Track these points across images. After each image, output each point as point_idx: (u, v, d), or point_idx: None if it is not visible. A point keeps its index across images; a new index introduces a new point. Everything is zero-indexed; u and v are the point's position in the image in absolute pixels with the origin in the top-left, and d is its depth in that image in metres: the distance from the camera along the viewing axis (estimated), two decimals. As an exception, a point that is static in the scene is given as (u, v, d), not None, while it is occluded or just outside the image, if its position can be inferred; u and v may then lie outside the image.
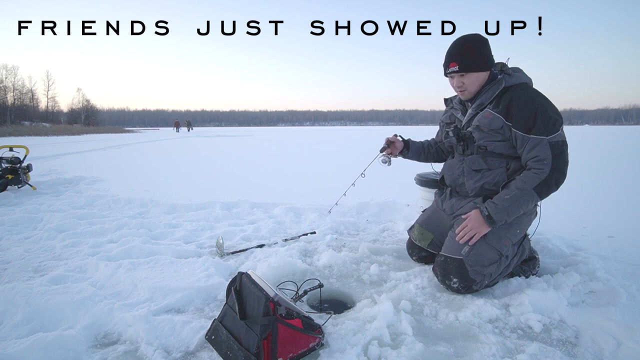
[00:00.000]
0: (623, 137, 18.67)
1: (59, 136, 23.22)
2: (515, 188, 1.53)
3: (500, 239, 1.60)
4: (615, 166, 6.46)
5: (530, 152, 1.53)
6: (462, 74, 1.63)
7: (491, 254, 1.58)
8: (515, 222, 1.62)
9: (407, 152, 2.07)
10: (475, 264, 1.55)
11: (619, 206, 3.31)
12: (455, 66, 1.63)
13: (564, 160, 1.51)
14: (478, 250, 1.57)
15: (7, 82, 47.42)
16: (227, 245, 2.31)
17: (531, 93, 1.57)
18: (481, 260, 1.56)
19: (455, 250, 1.60)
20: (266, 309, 1.15)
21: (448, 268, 1.59)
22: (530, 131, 1.52)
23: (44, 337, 1.24)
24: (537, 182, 1.50)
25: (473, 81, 1.64)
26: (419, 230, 1.95)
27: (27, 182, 4.15)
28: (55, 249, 2.27)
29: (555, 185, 1.51)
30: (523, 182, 1.52)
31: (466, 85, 1.65)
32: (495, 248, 1.58)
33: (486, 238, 1.59)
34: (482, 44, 1.64)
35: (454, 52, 1.65)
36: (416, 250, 1.97)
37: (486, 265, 1.57)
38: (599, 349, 1.25)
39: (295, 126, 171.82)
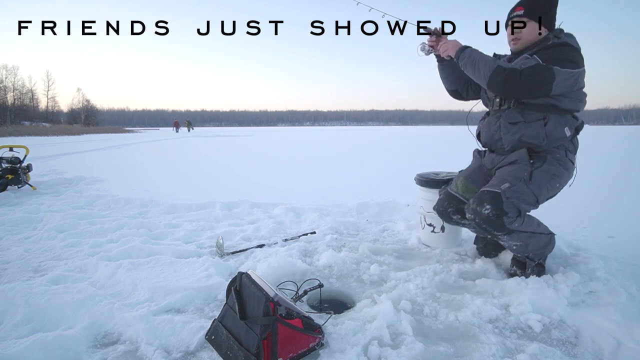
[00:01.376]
0: (623, 137, 18.67)
1: (59, 136, 23.22)
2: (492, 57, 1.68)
3: (541, 187, 1.62)
4: (615, 166, 6.46)
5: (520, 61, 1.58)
6: (525, 20, 1.64)
7: (529, 196, 1.61)
8: (556, 176, 1.65)
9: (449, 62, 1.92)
10: (512, 198, 1.58)
11: (619, 206, 3.31)
12: (521, 10, 1.65)
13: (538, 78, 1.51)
14: (517, 189, 1.59)
15: (7, 82, 47.43)
16: (227, 245, 2.31)
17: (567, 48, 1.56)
18: (518, 196, 1.59)
19: (494, 186, 1.62)
20: (266, 309, 1.15)
21: (484, 197, 1.61)
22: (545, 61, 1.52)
23: (44, 337, 1.24)
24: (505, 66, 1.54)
25: (531, 31, 1.65)
26: (463, 183, 1.91)
27: (27, 182, 4.15)
28: (55, 249, 2.27)
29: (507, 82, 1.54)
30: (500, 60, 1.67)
31: (523, 34, 1.66)
32: (534, 193, 1.61)
33: (530, 182, 1.61)
34: (554, 3, 1.66)
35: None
36: (454, 202, 1.88)
37: (522, 202, 1.60)
38: (599, 349, 1.25)
39: (295, 126, 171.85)
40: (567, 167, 1.68)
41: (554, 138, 1.64)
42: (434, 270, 1.85)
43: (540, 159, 1.65)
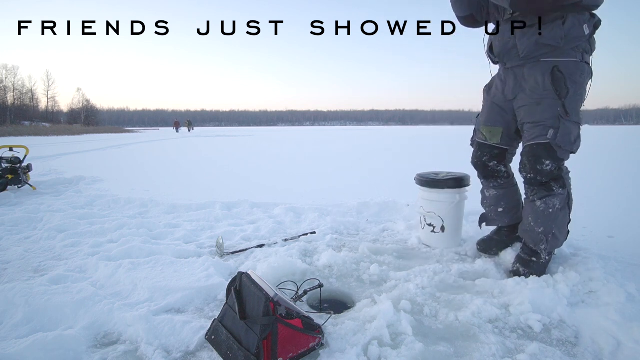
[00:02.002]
0: (623, 137, 18.68)
1: (59, 136, 23.23)
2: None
3: (578, 110, 1.61)
4: (615, 166, 6.46)
5: None
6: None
7: (574, 129, 1.61)
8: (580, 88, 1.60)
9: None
10: (565, 143, 1.58)
11: (619, 206, 3.31)
12: None
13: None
14: (564, 131, 1.58)
15: (7, 82, 47.45)
16: (227, 245, 2.31)
17: None
18: (568, 138, 1.59)
19: (540, 135, 1.61)
20: (266, 309, 1.15)
21: (537, 153, 1.61)
22: None
23: (44, 337, 1.24)
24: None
25: None
26: (486, 129, 1.89)
27: (27, 182, 4.15)
28: (55, 249, 2.27)
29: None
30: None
31: None
32: (576, 122, 1.60)
33: (569, 115, 1.58)
34: None
35: None
36: (487, 150, 1.89)
37: (573, 141, 1.60)
38: (599, 349, 1.25)
39: (295, 126, 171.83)
40: (585, 74, 1.63)
41: (572, 37, 1.57)
42: (434, 270, 1.85)
43: (562, 83, 1.57)
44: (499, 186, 1.98)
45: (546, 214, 1.69)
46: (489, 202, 2.04)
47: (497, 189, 1.99)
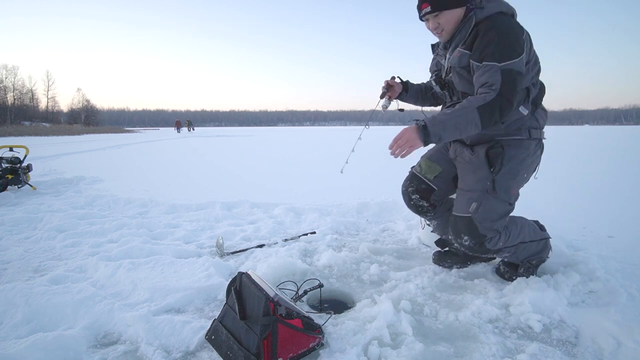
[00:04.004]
0: (623, 137, 18.67)
1: (59, 136, 23.22)
2: (459, 106, 1.42)
3: (509, 190, 1.55)
4: (616, 166, 6.45)
5: (480, 79, 1.42)
6: (436, 13, 1.52)
7: (500, 207, 1.54)
8: (521, 167, 1.56)
9: (406, 95, 1.96)
10: (485, 220, 1.52)
11: (619, 206, 3.31)
12: (427, 7, 1.52)
13: (512, 89, 1.38)
14: (486, 207, 1.52)
15: (7, 82, 47.48)
16: (227, 245, 2.31)
17: (497, 22, 1.44)
18: (490, 215, 1.52)
19: (463, 208, 1.56)
20: (266, 309, 1.15)
21: (458, 226, 1.56)
22: (483, 59, 1.41)
23: (44, 337, 1.24)
24: (482, 103, 1.37)
25: (448, 19, 1.53)
26: (426, 163, 1.86)
27: (27, 182, 4.15)
28: (55, 249, 2.27)
29: (499, 113, 1.38)
30: (468, 101, 1.42)
31: (442, 25, 1.54)
32: (504, 200, 1.54)
33: (495, 192, 1.53)
34: None
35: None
36: (415, 182, 1.85)
37: (496, 219, 1.53)
38: (599, 349, 1.25)
39: (295, 126, 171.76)
40: (530, 151, 1.58)
41: (510, 122, 1.55)
42: (434, 270, 1.85)
43: (498, 159, 1.53)
44: (433, 217, 1.91)
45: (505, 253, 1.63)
46: (436, 230, 1.99)
47: (433, 219, 1.93)
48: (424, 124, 1.40)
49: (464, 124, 1.39)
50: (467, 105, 1.40)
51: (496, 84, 1.38)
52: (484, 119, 1.38)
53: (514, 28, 1.45)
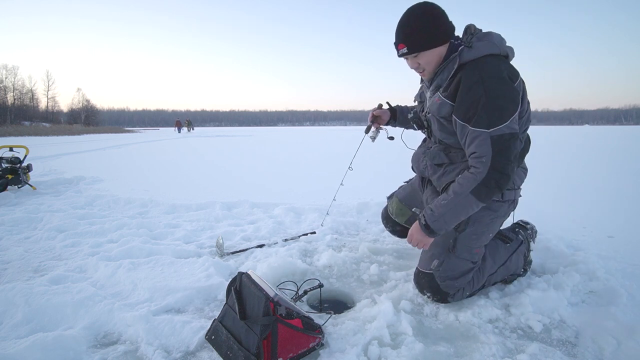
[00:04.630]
0: (623, 137, 18.67)
1: (59, 136, 23.21)
2: (452, 192, 1.34)
3: (471, 249, 1.49)
4: (616, 166, 6.45)
5: (469, 147, 1.33)
6: (415, 54, 1.42)
7: (462, 266, 1.48)
8: (486, 229, 1.50)
9: (394, 122, 1.94)
10: (446, 278, 1.47)
11: (619, 206, 3.31)
12: (403, 48, 1.42)
13: (506, 158, 1.27)
14: (447, 265, 1.47)
15: (7, 82, 47.50)
16: (227, 245, 2.31)
17: (485, 72, 1.31)
18: (451, 274, 1.47)
19: (425, 264, 1.52)
20: (266, 309, 1.15)
21: (420, 282, 1.54)
22: (470, 121, 1.31)
23: (44, 337, 1.24)
24: (474, 184, 1.29)
25: (429, 60, 1.42)
26: (397, 205, 1.86)
27: (27, 182, 4.15)
28: (55, 249, 2.27)
29: (496, 188, 1.29)
30: (460, 184, 1.33)
31: (422, 65, 1.45)
32: (465, 259, 1.48)
33: (455, 251, 1.48)
34: (432, 17, 1.38)
35: (400, 31, 1.41)
36: (391, 223, 1.92)
37: (457, 277, 1.47)
38: (599, 349, 1.25)
39: (295, 126, 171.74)
40: (500, 212, 1.51)
41: None
42: (434, 270, 1.85)
43: (465, 220, 1.44)
44: None
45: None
46: None
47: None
48: (425, 222, 1.38)
49: (464, 210, 1.35)
50: (460, 191, 1.32)
51: (486, 157, 1.27)
52: (481, 198, 1.31)
53: (504, 79, 1.31)
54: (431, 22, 1.38)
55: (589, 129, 41.21)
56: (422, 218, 1.41)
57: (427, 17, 1.38)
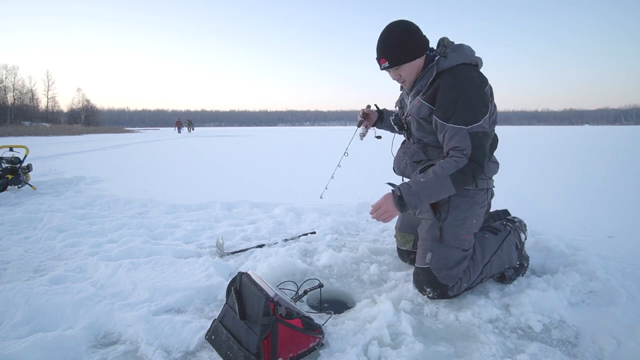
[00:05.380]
0: (623, 137, 18.67)
1: (59, 136, 23.22)
2: (432, 173, 1.45)
3: (457, 236, 1.55)
4: (616, 166, 6.45)
5: (450, 142, 1.46)
6: (396, 67, 1.58)
7: (454, 254, 1.54)
8: (468, 214, 1.57)
9: (381, 124, 2.02)
10: (441, 269, 1.52)
11: (619, 206, 3.31)
12: (385, 62, 1.58)
13: (483, 153, 1.44)
14: (440, 255, 1.53)
15: (7, 82, 47.51)
16: (227, 245, 2.31)
17: (460, 78, 1.47)
18: (445, 262, 1.52)
19: (421, 260, 1.58)
20: (266, 309, 1.15)
21: (419, 279, 1.58)
22: (449, 119, 1.45)
23: (44, 337, 1.24)
24: (454, 169, 1.41)
25: (409, 71, 1.59)
26: (400, 234, 1.94)
27: (27, 182, 4.15)
28: (55, 249, 2.27)
29: (471, 177, 1.44)
30: (441, 167, 1.44)
31: (404, 76, 1.61)
32: (455, 247, 1.55)
33: (443, 240, 1.55)
34: (409, 33, 1.55)
35: (381, 47, 1.58)
36: (405, 254, 1.96)
37: (452, 267, 1.52)
38: (599, 349, 1.25)
39: (295, 126, 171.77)
40: (476, 199, 1.60)
41: None
42: (434, 270, 1.85)
43: (444, 208, 1.54)
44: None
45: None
46: None
47: None
48: (399, 194, 1.46)
49: (438, 192, 1.44)
50: (440, 173, 1.42)
51: (467, 150, 1.42)
52: (456, 184, 1.43)
53: (476, 85, 1.48)
54: (408, 37, 1.55)
55: (589, 129, 41.22)
56: (397, 191, 1.49)
57: (404, 34, 1.55)
